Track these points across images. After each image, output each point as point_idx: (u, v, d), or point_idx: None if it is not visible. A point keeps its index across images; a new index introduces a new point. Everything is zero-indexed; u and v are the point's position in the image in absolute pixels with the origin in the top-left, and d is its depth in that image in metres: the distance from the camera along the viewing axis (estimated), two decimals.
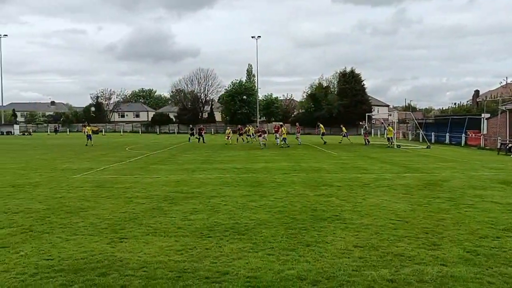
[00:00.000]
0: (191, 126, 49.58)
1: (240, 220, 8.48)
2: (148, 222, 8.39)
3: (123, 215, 8.95)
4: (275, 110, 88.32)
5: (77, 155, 25.83)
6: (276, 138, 36.23)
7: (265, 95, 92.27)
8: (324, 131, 40.68)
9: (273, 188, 12.42)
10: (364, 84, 78.28)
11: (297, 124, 39.68)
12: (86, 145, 35.95)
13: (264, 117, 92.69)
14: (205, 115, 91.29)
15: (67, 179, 14.71)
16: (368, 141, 38.09)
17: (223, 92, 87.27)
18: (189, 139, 38.80)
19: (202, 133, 40.88)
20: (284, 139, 33.24)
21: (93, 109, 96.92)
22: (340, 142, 39.40)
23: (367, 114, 49.00)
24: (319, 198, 10.77)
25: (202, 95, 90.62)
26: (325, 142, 37.13)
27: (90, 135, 37.67)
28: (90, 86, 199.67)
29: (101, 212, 9.29)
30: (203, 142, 39.50)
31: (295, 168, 17.92)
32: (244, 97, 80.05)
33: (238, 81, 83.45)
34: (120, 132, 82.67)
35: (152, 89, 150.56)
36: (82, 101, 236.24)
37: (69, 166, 19.21)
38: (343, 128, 41.85)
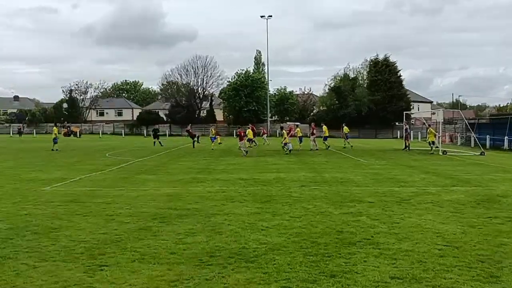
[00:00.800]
0: (154, 127, 51.61)
1: (248, 243, 8.47)
2: (133, 245, 8.34)
3: (103, 237, 8.99)
4: (290, 107, 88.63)
5: (47, 162, 26.07)
6: (300, 142, 37.53)
7: (278, 89, 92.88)
8: (348, 132, 40.77)
9: (289, 204, 12.42)
10: (400, 75, 78.20)
11: (312, 124, 39.89)
12: (53, 150, 36.35)
13: (276, 116, 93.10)
14: (203, 113, 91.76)
15: (35, 192, 14.82)
16: (408, 146, 38.01)
17: (225, 85, 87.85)
18: (154, 143, 40.09)
19: (196, 136, 42.16)
20: (287, 144, 33.90)
21: (65, 105, 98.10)
22: (344, 147, 39.56)
23: (405, 112, 48.43)
24: (346, 217, 10.74)
25: (199, 88, 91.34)
26: (328, 147, 37.73)
27: (56, 138, 38.37)
28: (62, 78, 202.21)
29: (76, 233, 9.35)
30: (197, 143, 40.72)
31: (315, 179, 17.93)
32: (249, 91, 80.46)
33: (244, 72, 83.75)
34: (99, 134, 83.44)
35: (138, 81, 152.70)
36: (52, 96, 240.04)
37: (37, 175, 19.39)
38: (345, 129, 42.28)
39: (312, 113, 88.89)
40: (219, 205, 12.33)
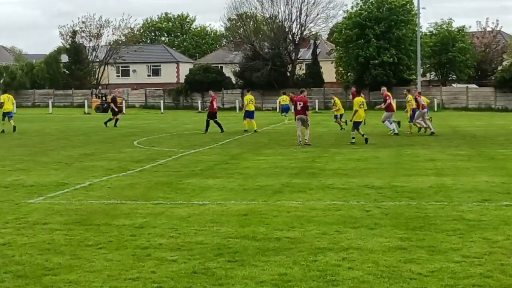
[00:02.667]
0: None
1: None
2: None
3: (134, 286, 9.25)
4: (458, 56, 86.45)
5: (35, 156, 27.26)
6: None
7: (436, 24, 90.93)
8: None
9: (459, 233, 12.12)
10: None
11: (415, 92, 39.73)
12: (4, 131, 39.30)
13: (435, 72, 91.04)
14: (301, 70, 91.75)
15: (16, 206, 15.45)
16: None
17: (340, 20, 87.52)
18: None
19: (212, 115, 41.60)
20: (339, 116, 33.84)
21: (65, 58, 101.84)
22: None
23: None
24: None
25: (293, 25, 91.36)
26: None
27: (8, 112, 41.38)
28: (59, 12, 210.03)
29: (87, 278, 9.59)
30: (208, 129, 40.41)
31: (508, 188, 17.44)
32: (383, 29, 78.94)
33: None
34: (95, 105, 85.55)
35: (188, 15, 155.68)
36: (43, 44, 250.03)
37: (19, 179, 20.25)
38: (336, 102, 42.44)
39: (500, 68, 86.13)
40: (331, 232, 12.28)
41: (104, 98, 77.40)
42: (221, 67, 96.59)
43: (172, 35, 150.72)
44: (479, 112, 72.93)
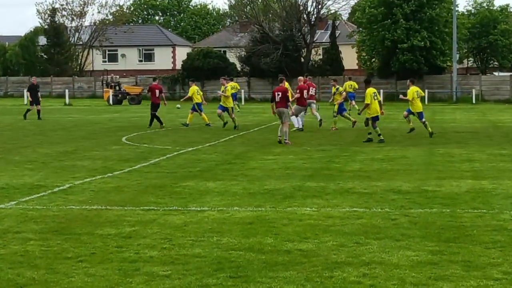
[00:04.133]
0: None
1: None
2: None
3: None
4: (499, 38, 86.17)
5: (7, 154, 27.31)
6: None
7: (475, 2, 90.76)
8: None
9: (499, 246, 12.04)
10: None
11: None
12: None
13: (473, 58, 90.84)
14: (317, 55, 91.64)
15: None
16: None
17: None
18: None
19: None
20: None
21: (42, 40, 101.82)
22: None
23: None
24: None
25: (309, 4, 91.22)
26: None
27: None
28: None
29: None
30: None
31: None
32: (413, 8, 78.78)
33: None
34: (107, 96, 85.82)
35: None
36: (17, 25, 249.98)
37: None
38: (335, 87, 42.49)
39: None
40: (350, 244, 12.26)
41: (118, 87, 77.24)
42: (224, 51, 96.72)
43: (168, 14, 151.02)
44: None
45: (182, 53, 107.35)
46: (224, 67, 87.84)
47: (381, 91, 75.39)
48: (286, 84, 34.63)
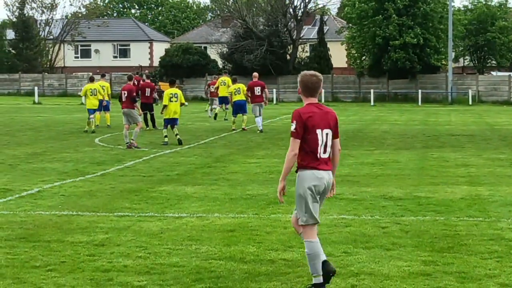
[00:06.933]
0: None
1: None
2: None
3: None
4: (497, 36, 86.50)
5: None
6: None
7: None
8: None
9: (496, 256, 12.07)
10: None
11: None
12: None
13: (470, 57, 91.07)
14: (304, 52, 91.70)
15: None
16: None
17: None
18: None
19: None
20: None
21: (10, 34, 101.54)
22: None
23: None
24: None
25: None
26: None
27: None
28: None
29: None
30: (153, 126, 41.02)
31: None
32: (406, 3, 78.99)
33: None
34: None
35: None
36: None
37: None
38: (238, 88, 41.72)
39: None
40: (338, 253, 12.28)
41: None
42: (205, 47, 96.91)
43: (145, 7, 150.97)
44: None
45: (160, 49, 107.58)
46: (205, 64, 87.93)
47: (371, 91, 75.96)
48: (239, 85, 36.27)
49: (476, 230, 14.14)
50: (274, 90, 79.47)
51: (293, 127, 9.99)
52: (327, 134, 10.07)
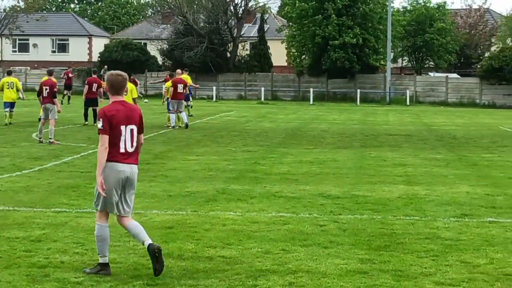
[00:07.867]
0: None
1: None
2: None
3: None
4: (436, 38, 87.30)
5: None
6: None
7: (413, 0, 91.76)
8: None
9: (432, 255, 12.21)
10: None
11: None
12: None
13: (408, 58, 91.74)
14: (245, 50, 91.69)
15: None
16: None
17: None
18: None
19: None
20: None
21: None
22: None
23: None
24: None
25: None
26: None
27: None
28: None
29: None
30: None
31: (493, 201, 17.65)
32: (346, 3, 79.38)
33: None
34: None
35: None
36: None
37: None
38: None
39: (487, 54, 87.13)
40: (276, 251, 12.29)
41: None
42: (145, 43, 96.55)
43: (84, 2, 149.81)
44: (461, 107, 74.11)
45: (99, 45, 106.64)
46: (145, 60, 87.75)
47: (311, 90, 76.27)
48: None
49: (413, 229, 14.27)
50: (214, 87, 79.63)
51: (99, 124, 10.70)
52: (131, 129, 10.92)
